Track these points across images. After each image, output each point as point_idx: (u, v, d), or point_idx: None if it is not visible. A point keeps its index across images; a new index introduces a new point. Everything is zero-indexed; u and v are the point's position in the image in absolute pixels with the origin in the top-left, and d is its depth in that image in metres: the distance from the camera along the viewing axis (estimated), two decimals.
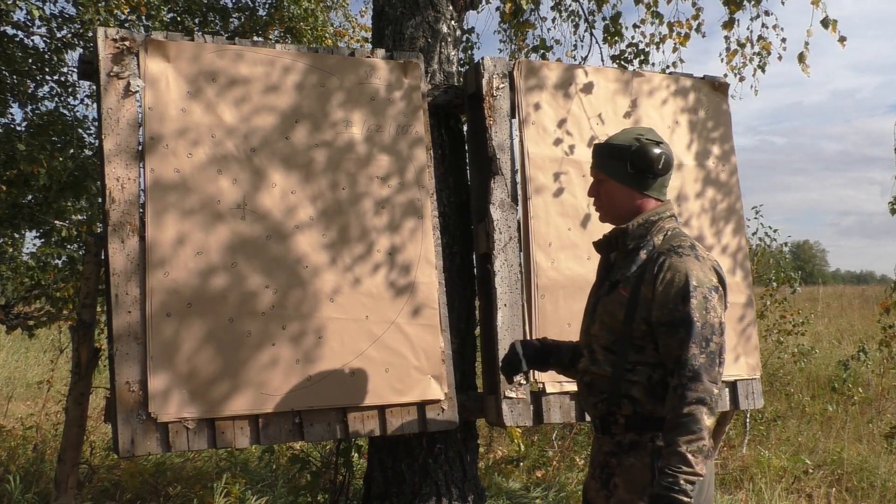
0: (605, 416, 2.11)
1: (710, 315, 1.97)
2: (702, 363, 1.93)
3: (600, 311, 2.13)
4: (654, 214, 2.13)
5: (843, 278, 51.56)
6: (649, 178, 2.12)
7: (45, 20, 5.82)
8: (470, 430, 3.28)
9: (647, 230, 2.11)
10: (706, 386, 1.91)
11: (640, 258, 2.08)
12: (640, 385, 2.04)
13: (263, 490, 4.52)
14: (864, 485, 5.12)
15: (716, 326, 1.97)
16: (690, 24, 5.70)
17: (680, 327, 1.95)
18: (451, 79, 3.39)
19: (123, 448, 2.44)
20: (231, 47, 2.76)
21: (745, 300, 3.35)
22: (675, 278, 1.99)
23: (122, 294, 2.49)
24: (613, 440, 2.09)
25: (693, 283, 1.98)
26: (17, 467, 4.72)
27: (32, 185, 5.19)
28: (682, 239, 2.10)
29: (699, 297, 1.97)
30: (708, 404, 1.91)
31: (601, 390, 2.10)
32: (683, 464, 1.87)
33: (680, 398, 1.91)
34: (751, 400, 3.32)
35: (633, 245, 2.12)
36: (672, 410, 1.93)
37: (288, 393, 2.63)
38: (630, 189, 2.13)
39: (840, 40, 4.38)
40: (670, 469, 1.87)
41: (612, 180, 2.14)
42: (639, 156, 2.10)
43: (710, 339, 1.95)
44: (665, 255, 2.03)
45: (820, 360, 8.40)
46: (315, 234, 2.75)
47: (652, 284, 2.01)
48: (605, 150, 2.18)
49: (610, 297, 2.11)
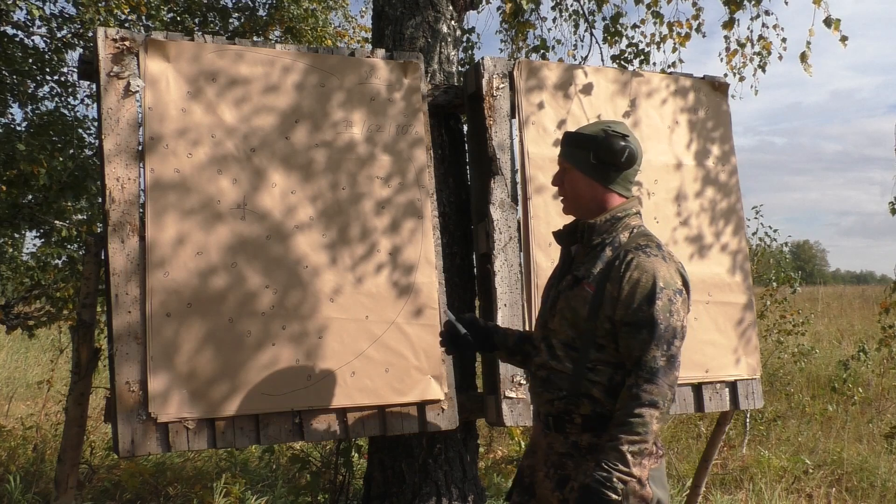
0: (561, 413, 2.08)
1: (673, 318, 1.96)
2: (661, 366, 1.92)
3: (562, 305, 2.10)
4: (621, 211, 2.11)
5: (843, 278, 51.57)
6: (612, 171, 2.10)
7: (45, 20, 5.83)
8: (470, 430, 3.28)
9: (613, 226, 2.09)
10: (661, 389, 1.91)
11: (605, 255, 2.06)
12: (600, 385, 2.03)
13: (263, 490, 4.53)
14: (864, 485, 5.12)
15: (678, 330, 1.97)
16: (690, 23, 5.71)
17: (643, 328, 1.94)
18: (451, 79, 3.40)
19: (123, 448, 2.44)
20: (231, 47, 2.76)
21: (746, 301, 3.35)
22: (641, 278, 1.97)
23: (122, 294, 2.50)
24: (568, 440, 2.07)
25: (660, 285, 1.96)
26: (17, 467, 4.72)
27: (32, 185, 5.19)
28: (649, 238, 2.08)
29: (665, 300, 1.96)
30: (660, 408, 1.91)
31: (559, 387, 2.08)
32: (621, 462, 1.88)
33: (633, 398, 1.91)
34: (751, 400, 3.32)
35: (598, 241, 2.09)
36: (623, 408, 1.93)
37: (288, 393, 2.63)
38: (593, 181, 2.11)
39: (842, 39, 4.38)
40: (607, 464, 1.89)
41: (576, 170, 2.12)
42: (602, 147, 2.07)
43: (671, 343, 1.94)
44: (633, 253, 2.01)
45: (820, 360, 8.40)
46: (315, 235, 2.75)
47: (618, 283, 1.99)
48: (571, 139, 2.15)
49: (573, 293, 2.07)
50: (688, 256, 3.25)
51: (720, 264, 3.32)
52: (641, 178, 3.23)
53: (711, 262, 3.30)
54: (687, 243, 3.26)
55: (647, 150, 3.26)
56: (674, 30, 5.75)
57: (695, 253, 3.27)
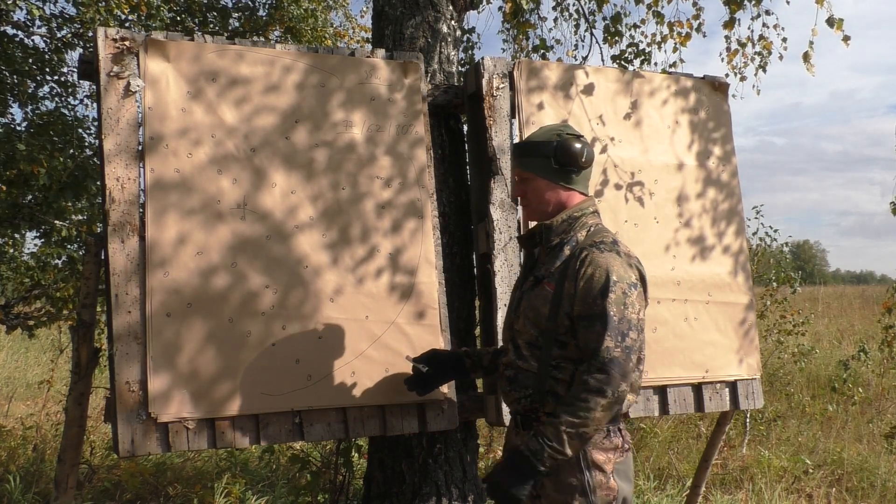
0: (528, 411, 2.13)
1: (627, 310, 2.00)
2: (615, 356, 1.95)
3: (525, 306, 2.16)
4: (578, 210, 2.17)
5: (843, 278, 51.57)
6: (573, 171, 2.17)
7: (45, 20, 5.83)
8: (470, 430, 3.28)
9: (571, 226, 2.15)
10: (612, 378, 1.94)
11: (563, 254, 2.12)
12: (564, 382, 2.07)
13: (263, 490, 4.53)
14: (864, 485, 5.12)
15: (633, 322, 2.00)
16: (691, 23, 5.71)
17: (596, 321, 1.99)
18: (451, 79, 3.39)
19: (123, 448, 2.44)
20: (232, 47, 2.76)
21: (747, 302, 3.35)
22: (595, 273, 2.02)
23: (122, 294, 2.49)
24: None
25: (613, 279, 2.01)
26: (17, 467, 4.72)
27: (32, 185, 5.19)
28: (605, 235, 2.14)
29: (618, 293, 2.00)
30: (607, 396, 1.94)
31: (525, 385, 2.13)
32: (555, 440, 1.94)
33: (582, 383, 1.96)
34: (751, 400, 3.32)
35: (556, 241, 2.16)
36: (572, 392, 1.98)
37: (288, 393, 2.63)
38: (555, 184, 2.18)
39: (844, 39, 4.37)
40: (541, 439, 1.95)
41: (538, 177, 2.18)
42: (562, 150, 2.14)
43: (626, 334, 1.98)
44: (587, 250, 2.07)
45: (820, 360, 8.40)
46: (315, 235, 2.75)
47: (574, 280, 2.04)
48: (527, 148, 2.21)
49: (534, 293, 2.13)
50: (690, 257, 3.25)
51: (721, 265, 3.32)
52: (642, 178, 3.23)
53: (712, 263, 3.30)
54: (689, 244, 3.26)
55: (647, 151, 3.27)
56: (674, 30, 5.75)
57: (697, 254, 3.27)
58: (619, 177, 3.18)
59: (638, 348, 1.99)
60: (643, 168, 3.23)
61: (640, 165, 3.23)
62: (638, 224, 3.18)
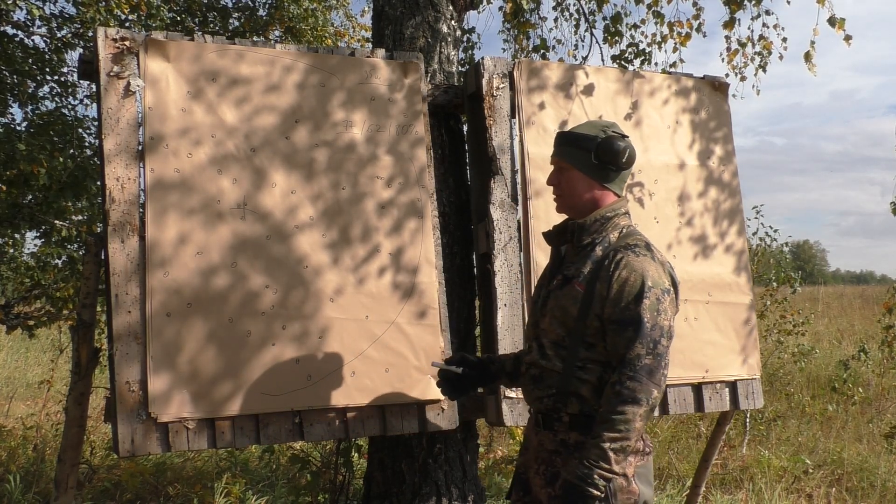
0: (550, 411, 2.10)
1: (660, 317, 1.97)
2: (646, 364, 1.93)
3: (552, 305, 2.11)
4: (611, 210, 2.13)
5: (843, 278, 51.61)
6: (612, 171, 2.12)
7: (45, 20, 5.83)
8: (470, 430, 3.28)
9: (603, 226, 2.11)
10: (646, 387, 1.92)
11: (595, 254, 2.08)
12: (589, 384, 2.04)
13: (263, 490, 4.53)
14: (864, 485, 5.12)
15: (665, 329, 1.97)
16: (691, 23, 5.71)
17: (629, 326, 1.95)
18: (451, 79, 3.39)
19: (123, 448, 2.44)
20: (232, 47, 2.76)
21: (749, 302, 3.35)
22: (630, 277, 1.99)
23: (122, 294, 2.49)
24: (556, 438, 2.09)
25: (648, 284, 1.97)
26: (17, 467, 4.72)
27: (32, 185, 5.19)
28: (638, 238, 2.10)
29: (652, 299, 1.97)
30: (643, 405, 1.91)
31: (549, 385, 2.10)
32: (602, 460, 1.89)
33: (616, 395, 1.92)
34: (751, 400, 3.32)
35: (588, 240, 2.11)
36: (606, 405, 1.94)
37: (288, 393, 2.63)
38: (592, 180, 2.13)
39: (846, 38, 4.37)
40: (588, 462, 1.90)
41: (575, 169, 2.13)
42: (604, 147, 2.09)
43: (658, 342, 1.95)
44: (622, 252, 2.03)
45: (820, 360, 8.40)
46: (315, 235, 2.75)
47: (607, 281, 2.00)
48: (570, 138, 2.16)
49: (563, 292, 2.09)
50: (691, 256, 3.25)
51: (722, 264, 3.32)
52: (642, 178, 3.23)
53: (713, 263, 3.30)
54: (690, 243, 3.26)
55: (648, 150, 3.27)
56: (674, 30, 5.75)
57: (698, 253, 3.27)
58: None
59: (665, 354, 1.97)
60: (643, 168, 3.23)
61: (640, 165, 3.22)
62: (638, 224, 3.17)
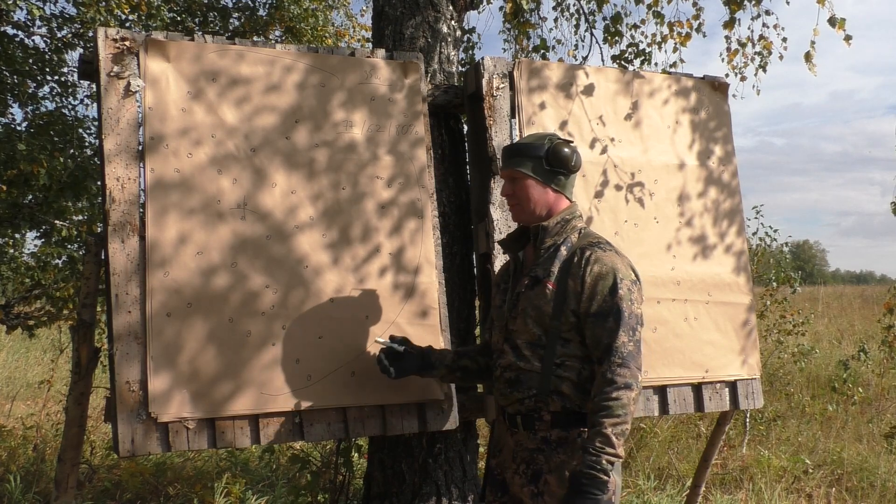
0: (531, 412, 2.16)
1: (633, 306, 2.09)
2: (630, 350, 2.03)
3: (524, 305, 2.19)
4: (569, 214, 2.26)
5: (843, 278, 51.56)
6: (562, 175, 2.25)
7: (45, 20, 5.83)
8: (470, 430, 3.28)
9: (563, 228, 2.23)
10: (633, 372, 2.02)
11: (561, 254, 2.19)
12: (569, 381, 2.12)
13: (263, 490, 4.53)
14: (864, 485, 5.12)
15: (639, 317, 2.10)
16: (691, 23, 5.71)
17: (609, 316, 2.06)
18: (451, 79, 3.39)
19: (123, 448, 2.44)
20: (232, 47, 2.76)
21: (749, 303, 3.35)
22: (602, 270, 2.10)
23: (123, 294, 2.49)
24: (537, 436, 2.15)
25: (619, 276, 2.10)
26: (18, 467, 4.72)
27: (32, 185, 5.20)
28: (598, 236, 2.24)
29: (625, 289, 2.09)
30: (634, 389, 2.01)
31: (529, 386, 2.16)
32: (607, 444, 1.97)
33: (608, 382, 2.00)
34: (751, 400, 3.32)
35: (550, 242, 2.22)
36: (600, 394, 2.01)
37: (288, 393, 2.63)
38: (545, 186, 2.25)
39: (846, 39, 4.37)
40: (594, 449, 1.97)
41: (529, 178, 2.25)
42: (554, 152, 2.22)
43: (635, 329, 2.07)
44: (589, 249, 2.15)
45: (820, 360, 8.40)
46: (315, 235, 2.75)
47: (580, 278, 2.11)
48: (519, 149, 2.28)
49: (534, 293, 2.18)
50: (691, 256, 3.25)
51: (722, 265, 3.32)
52: (642, 178, 3.23)
53: (713, 263, 3.29)
54: (690, 243, 3.26)
55: (648, 151, 3.27)
56: (674, 30, 5.75)
57: (698, 253, 3.27)
58: (620, 177, 3.18)
59: (641, 342, 2.08)
60: (643, 168, 3.23)
61: (640, 166, 3.23)
62: (638, 224, 3.18)
